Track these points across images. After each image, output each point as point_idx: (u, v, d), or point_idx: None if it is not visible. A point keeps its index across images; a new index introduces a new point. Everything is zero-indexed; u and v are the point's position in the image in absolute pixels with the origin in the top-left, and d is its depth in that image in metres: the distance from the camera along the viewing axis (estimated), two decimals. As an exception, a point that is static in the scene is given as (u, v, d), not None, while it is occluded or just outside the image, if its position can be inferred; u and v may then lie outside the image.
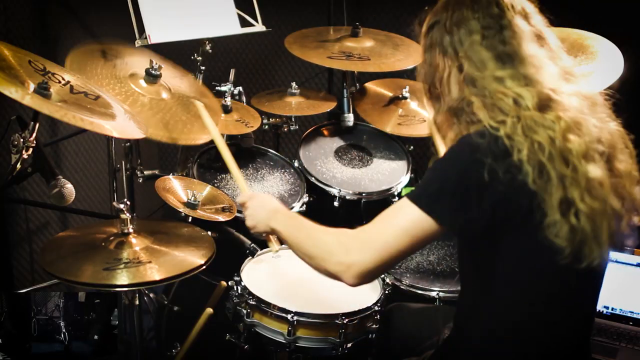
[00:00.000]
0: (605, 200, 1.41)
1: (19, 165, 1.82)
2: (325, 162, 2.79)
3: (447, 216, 1.40)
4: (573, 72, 1.55)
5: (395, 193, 2.70)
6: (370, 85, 3.06)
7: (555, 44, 1.55)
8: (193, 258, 1.93)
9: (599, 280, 1.56)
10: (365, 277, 1.44)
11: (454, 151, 1.43)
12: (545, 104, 1.42)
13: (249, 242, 2.30)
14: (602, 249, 1.42)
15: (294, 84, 2.96)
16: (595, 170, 1.40)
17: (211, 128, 2.09)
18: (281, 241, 1.74)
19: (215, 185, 2.56)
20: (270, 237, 1.90)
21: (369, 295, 2.15)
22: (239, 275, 2.15)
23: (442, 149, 2.02)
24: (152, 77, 2.33)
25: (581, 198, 1.38)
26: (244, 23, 2.83)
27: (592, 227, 1.39)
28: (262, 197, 1.83)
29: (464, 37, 1.48)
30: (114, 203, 2.00)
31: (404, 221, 1.43)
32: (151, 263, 1.84)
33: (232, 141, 2.75)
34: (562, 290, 1.47)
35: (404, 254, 1.44)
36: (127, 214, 1.94)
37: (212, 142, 2.69)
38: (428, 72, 1.58)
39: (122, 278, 1.77)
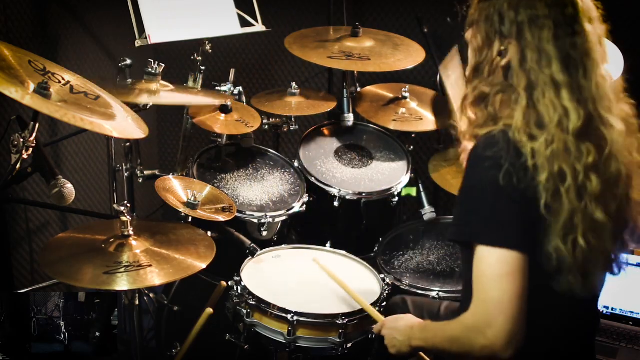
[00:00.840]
0: (602, 242, 1.42)
1: (19, 165, 1.82)
2: (325, 162, 2.79)
3: (518, 239, 1.37)
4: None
5: (395, 193, 2.70)
6: (369, 89, 3.07)
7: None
8: (194, 261, 1.93)
9: (595, 302, 1.58)
10: (513, 342, 1.36)
11: (478, 174, 1.40)
12: (586, 130, 1.38)
13: (249, 242, 2.30)
14: (588, 281, 1.42)
15: (294, 84, 2.96)
16: (601, 215, 1.40)
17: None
18: (427, 353, 1.70)
19: (215, 185, 2.56)
20: (420, 354, 1.76)
21: (369, 295, 2.15)
22: (239, 275, 2.15)
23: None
24: (151, 76, 2.33)
25: (583, 234, 1.38)
26: (244, 23, 2.83)
27: (583, 260, 1.40)
28: (392, 321, 1.75)
29: (532, 25, 1.40)
30: (115, 205, 1.99)
31: (492, 269, 1.37)
32: (152, 267, 1.84)
33: (232, 141, 2.75)
34: (560, 302, 1.47)
35: (523, 296, 1.37)
36: (128, 217, 1.94)
37: (211, 142, 2.72)
38: (479, 45, 1.48)
39: (123, 282, 1.77)
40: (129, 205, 1.97)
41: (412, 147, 2.92)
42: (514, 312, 1.35)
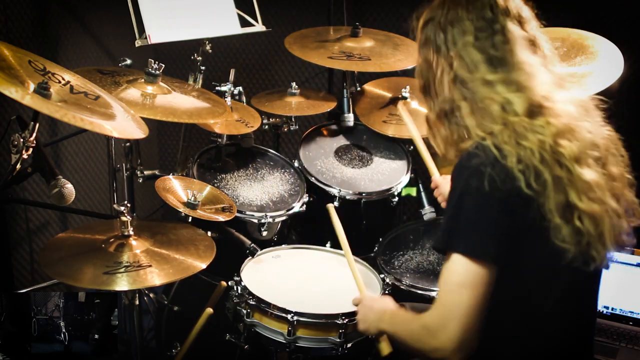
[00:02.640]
0: (603, 201, 1.42)
1: (19, 165, 1.82)
2: (325, 162, 2.79)
3: (491, 251, 1.39)
4: (566, 78, 1.55)
5: (395, 193, 2.70)
6: (369, 87, 3.06)
7: (549, 50, 1.54)
8: (194, 262, 1.93)
9: (599, 281, 1.58)
10: (464, 348, 1.40)
11: (461, 184, 1.42)
12: (535, 110, 1.43)
13: (249, 242, 2.30)
14: (607, 249, 1.43)
15: (294, 84, 2.96)
16: (590, 174, 1.42)
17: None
18: (392, 341, 1.71)
19: (215, 185, 2.56)
20: (381, 338, 1.76)
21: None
22: (239, 275, 2.15)
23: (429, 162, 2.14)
24: (151, 76, 2.33)
25: (579, 199, 1.39)
26: (244, 23, 2.83)
27: (595, 228, 1.41)
28: (370, 300, 1.81)
29: (457, 37, 1.48)
30: (115, 205, 1.99)
31: (457, 277, 1.41)
32: (151, 267, 1.84)
33: (232, 141, 2.75)
34: (569, 293, 1.48)
35: (481, 308, 1.40)
36: (128, 217, 1.94)
37: (211, 142, 2.72)
38: (422, 68, 1.58)
39: (122, 282, 1.77)
40: (129, 205, 1.97)
41: (412, 147, 2.92)
42: (468, 321, 1.39)
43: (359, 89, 3.07)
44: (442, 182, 2.18)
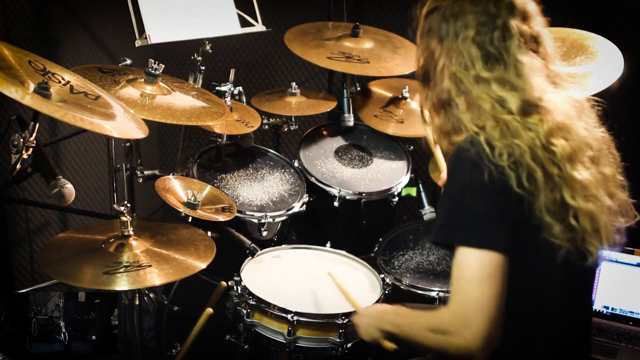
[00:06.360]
0: (598, 198, 1.42)
1: (19, 165, 1.82)
2: (325, 162, 2.79)
3: (499, 240, 1.37)
4: (565, 77, 1.54)
5: (395, 193, 2.70)
6: (371, 87, 3.06)
7: (551, 48, 1.53)
8: (194, 262, 1.93)
9: (594, 278, 1.60)
10: (490, 344, 1.36)
11: (460, 176, 1.41)
12: (529, 108, 1.42)
13: (249, 242, 2.30)
14: (602, 245, 1.44)
15: (294, 84, 2.96)
16: (584, 173, 1.41)
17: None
18: (397, 342, 1.67)
19: (215, 185, 2.56)
20: (385, 342, 1.73)
21: (369, 295, 2.16)
22: (239, 275, 2.15)
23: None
24: (151, 77, 2.33)
25: (573, 198, 1.39)
26: (244, 23, 2.82)
27: (591, 224, 1.41)
28: (367, 309, 1.81)
29: (459, 30, 1.46)
30: (115, 205, 1.99)
31: (472, 271, 1.37)
32: (151, 267, 1.84)
33: (232, 141, 2.75)
34: (565, 289, 1.48)
35: (502, 298, 1.37)
36: (128, 217, 1.94)
37: (211, 142, 2.72)
38: (423, 56, 1.56)
39: (122, 282, 1.77)
40: (129, 205, 1.97)
41: (412, 147, 2.92)
42: (492, 314, 1.35)
43: (359, 89, 3.07)
44: None
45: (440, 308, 1.44)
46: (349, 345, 2.03)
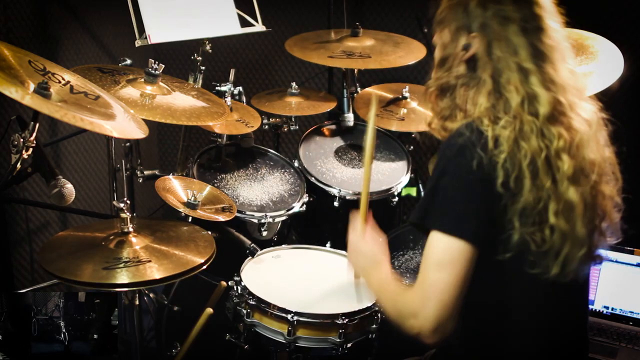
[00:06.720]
0: (574, 225, 1.41)
1: (19, 165, 1.82)
2: (325, 162, 2.79)
3: (470, 229, 1.37)
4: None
5: (395, 193, 2.70)
6: (370, 90, 3.07)
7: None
8: (193, 257, 1.93)
9: (582, 293, 1.57)
10: (439, 329, 1.37)
11: (444, 161, 1.41)
12: (556, 115, 1.40)
13: (249, 242, 2.30)
14: (566, 266, 1.42)
15: (294, 84, 2.96)
16: (575, 195, 1.40)
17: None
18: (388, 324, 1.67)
19: (215, 185, 2.56)
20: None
21: (369, 295, 2.15)
22: (239, 275, 2.15)
23: None
24: (151, 77, 2.33)
25: (555, 214, 1.38)
26: (244, 23, 2.83)
27: (560, 243, 1.40)
28: (364, 244, 1.65)
29: (499, 20, 1.43)
30: (114, 202, 2.00)
31: (435, 255, 1.38)
32: (151, 262, 1.85)
33: (232, 141, 2.75)
34: (549, 297, 1.47)
35: (460, 287, 1.37)
36: (127, 213, 1.94)
37: (211, 142, 2.72)
38: (446, 40, 1.52)
39: (122, 277, 1.77)
40: (128, 201, 1.97)
41: (412, 147, 2.92)
42: (447, 300, 1.36)
43: (359, 89, 3.07)
44: None
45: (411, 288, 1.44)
46: (349, 345, 2.03)
